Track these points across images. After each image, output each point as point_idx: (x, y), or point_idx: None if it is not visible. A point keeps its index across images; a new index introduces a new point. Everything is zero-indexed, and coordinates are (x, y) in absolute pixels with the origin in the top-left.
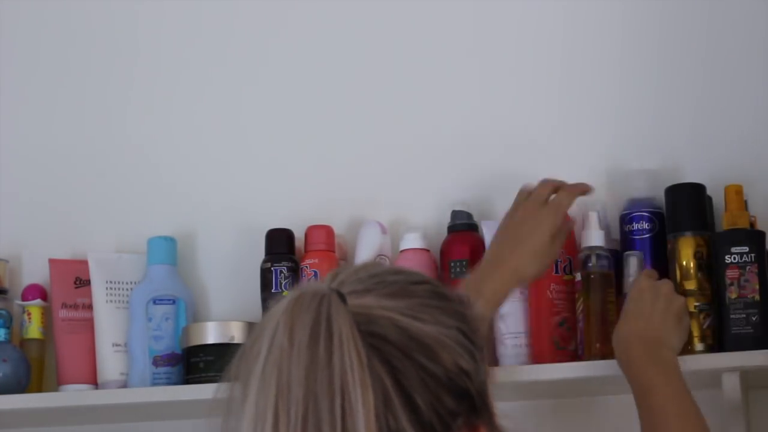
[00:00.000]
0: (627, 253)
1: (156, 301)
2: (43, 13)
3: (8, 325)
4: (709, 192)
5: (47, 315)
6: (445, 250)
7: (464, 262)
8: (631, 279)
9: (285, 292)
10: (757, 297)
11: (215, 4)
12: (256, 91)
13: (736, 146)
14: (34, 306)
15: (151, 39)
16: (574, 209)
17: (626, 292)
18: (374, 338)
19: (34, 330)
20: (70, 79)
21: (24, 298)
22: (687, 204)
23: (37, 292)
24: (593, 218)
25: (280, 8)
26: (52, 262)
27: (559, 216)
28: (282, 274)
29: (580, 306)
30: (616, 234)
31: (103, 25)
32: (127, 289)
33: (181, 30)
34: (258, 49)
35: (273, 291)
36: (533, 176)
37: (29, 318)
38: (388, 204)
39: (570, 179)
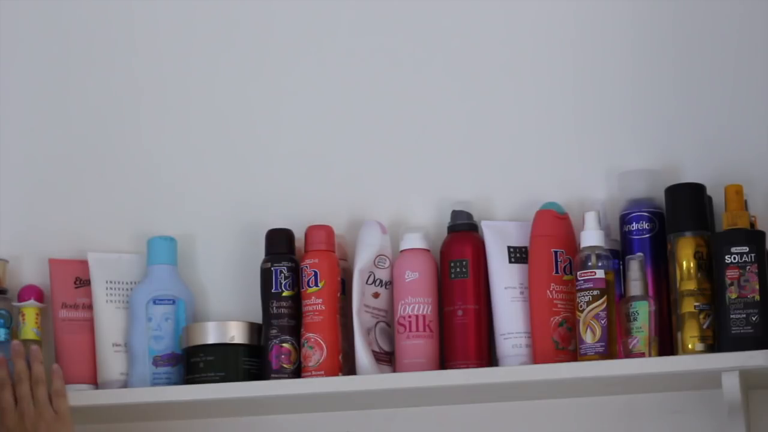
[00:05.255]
0: (629, 257)
1: (156, 301)
2: (44, 12)
3: (8, 325)
4: (709, 192)
5: (42, 316)
6: (445, 250)
7: (464, 262)
8: (632, 282)
9: (285, 292)
10: (757, 297)
11: (216, 5)
12: (256, 92)
13: (736, 146)
14: (28, 307)
15: (151, 40)
16: (574, 209)
17: (630, 295)
18: None
19: (28, 331)
20: (70, 79)
21: (19, 299)
22: (687, 204)
23: (31, 292)
24: (593, 218)
25: (281, 9)
26: (52, 262)
27: None
28: (282, 274)
29: (601, 305)
30: (616, 234)
31: (104, 26)
32: (127, 289)
33: (182, 31)
34: (258, 49)
35: (273, 291)
36: (533, 176)
37: (23, 319)
38: (388, 204)
39: (570, 179)
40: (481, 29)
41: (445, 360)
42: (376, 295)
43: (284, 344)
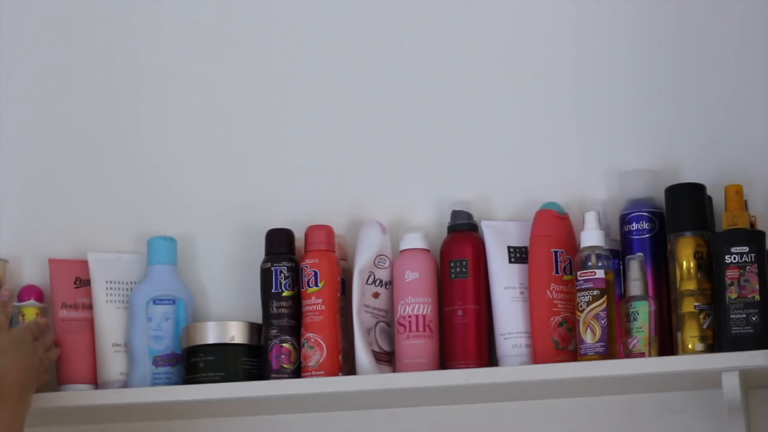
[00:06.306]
0: (629, 257)
1: (156, 301)
2: (45, 12)
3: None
4: (709, 192)
5: (42, 315)
6: (445, 250)
7: (464, 262)
8: (632, 282)
9: (285, 292)
10: (757, 297)
11: (216, 5)
12: (256, 92)
13: (736, 146)
14: (28, 307)
15: (151, 40)
16: (574, 209)
17: (630, 295)
18: None
19: None
20: (70, 79)
21: (19, 299)
22: (687, 204)
23: (31, 292)
24: (593, 218)
25: (281, 10)
26: (52, 262)
27: None
28: (282, 274)
29: (601, 305)
30: (616, 234)
31: (103, 26)
32: (127, 289)
33: (182, 31)
34: (258, 50)
35: (273, 291)
36: (533, 176)
37: (23, 319)
38: (388, 204)
39: (570, 179)
40: (480, 29)
41: (445, 360)
42: (376, 295)
43: (284, 344)
